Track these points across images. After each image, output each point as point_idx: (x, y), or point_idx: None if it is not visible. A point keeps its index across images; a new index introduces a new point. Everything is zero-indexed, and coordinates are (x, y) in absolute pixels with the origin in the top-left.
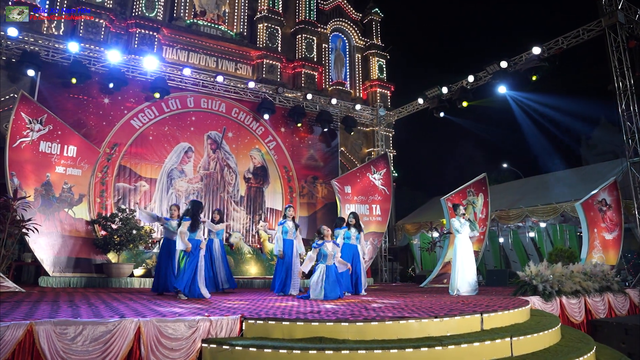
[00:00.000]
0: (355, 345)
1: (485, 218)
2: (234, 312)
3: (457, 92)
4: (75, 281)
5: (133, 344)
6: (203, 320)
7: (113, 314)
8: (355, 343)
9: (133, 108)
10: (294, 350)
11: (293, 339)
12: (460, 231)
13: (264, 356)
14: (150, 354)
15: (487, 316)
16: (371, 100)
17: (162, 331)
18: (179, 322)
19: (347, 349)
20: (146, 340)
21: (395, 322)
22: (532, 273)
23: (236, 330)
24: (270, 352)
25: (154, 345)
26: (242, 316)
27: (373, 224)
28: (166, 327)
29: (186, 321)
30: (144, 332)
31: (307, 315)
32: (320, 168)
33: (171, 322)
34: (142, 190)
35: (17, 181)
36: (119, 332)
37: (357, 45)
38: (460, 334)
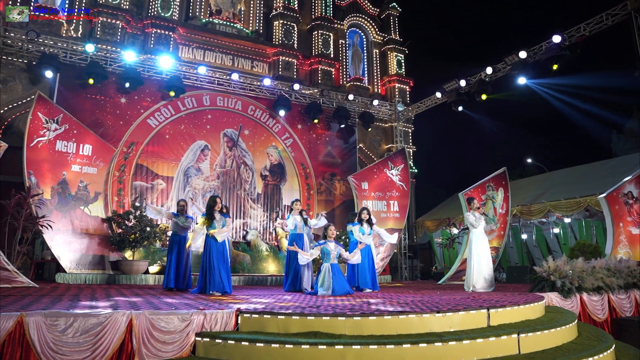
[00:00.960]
0: (350, 340)
1: (506, 213)
2: (233, 306)
3: (475, 85)
4: (91, 278)
5: (125, 336)
6: (197, 314)
7: (107, 307)
8: (351, 338)
9: (149, 107)
10: (286, 345)
11: (288, 334)
12: (476, 225)
13: (257, 350)
14: (142, 347)
15: (495, 312)
16: (390, 96)
17: (155, 324)
18: (172, 315)
19: (342, 344)
20: (138, 333)
21: (395, 317)
22: (550, 268)
23: (231, 324)
24: (263, 347)
25: (146, 338)
26: (237, 310)
27: (391, 221)
28: (159, 320)
29: (179, 314)
30: (136, 324)
31: (306, 309)
32: (338, 165)
33: (164, 315)
34: (159, 188)
35: (35, 180)
36: (110, 324)
37: (375, 40)
38: (464, 330)
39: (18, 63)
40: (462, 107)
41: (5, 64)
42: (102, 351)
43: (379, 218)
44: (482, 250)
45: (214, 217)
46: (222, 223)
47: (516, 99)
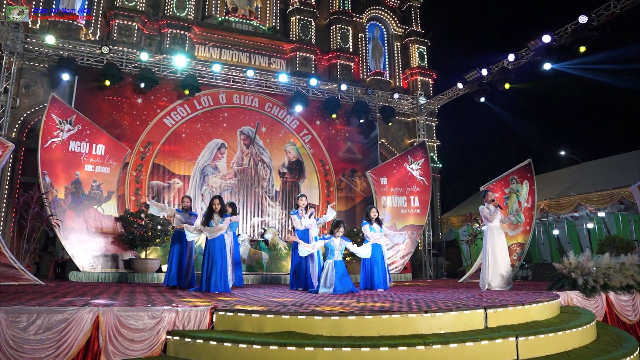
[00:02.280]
0: (323, 341)
1: (532, 207)
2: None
3: (497, 74)
4: (103, 276)
5: (91, 334)
6: (168, 311)
7: (76, 303)
8: (327, 339)
9: (165, 107)
10: (254, 345)
11: (261, 333)
12: (490, 219)
13: (225, 350)
14: (109, 344)
15: (493, 312)
16: (412, 89)
17: (123, 321)
18: (142, 312)
19: (313, 345)
20: (105, 330)
21: (377, 317)
22: (570, 265)
23: (206, 322)
24: (231, 347)
25: (112, 335)
26: (212, 308)
27: (411, 217)
28: (127, 317)
29: (149, 311)
30: (103, 321)
31: (290, 308)
32: (359, 161)
33: (133, 312)
34: (175, 187)
35: (49, 180)
36: (75, 321)
37: (396, 33)
38: (456, 332)
39: (39, 68)
40: (485, 98)
41: (28, 69)
42: (66, 349)
43: (398, 214)
44: (497, 246)
45: (211, 216)
46: (219, 222)
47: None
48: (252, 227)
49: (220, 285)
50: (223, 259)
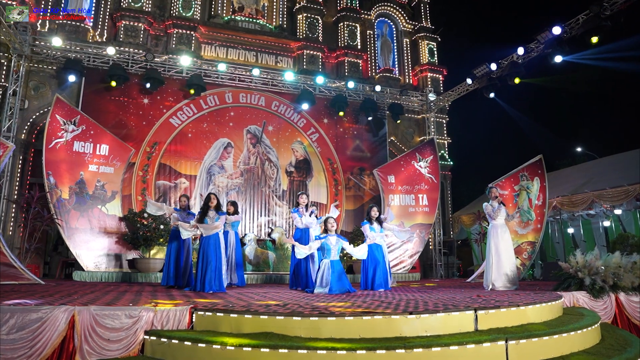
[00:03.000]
0: (297, 344)
1: (543, 205)
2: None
3: (507, 68)
4: (107, 276)
5: (66, 333)
6: (146, 310)
7: (54, 302)
8: (304, 341)
9: (172, 107)
10: (227, 347)
11: (239, 334)
12: (494, 217)
13: (199, 351)
14: (85, 344)
15: (484, 314)
16: (422, 86)
17: (99, 321)
18: (119, 311)
19: (287, 347)
20: (80, 329)
21: (357, 318)
22: (577, 264)
23: (185, 322)
24: (204, 347)
25: (88, 335)
26: (192, 307)
27: (420, 215)
28: (104, 316)
29: (127, 310)
30: (79, 321)
31: (271, 308)
32: (367, 159)
33: (110, 311)
34: (182, 187)
35: (53, 180)
36: (49, 321)
37: (405, 29)
38: (442, 334)
39: (48, 70)
40: (495, 93)
41: (37, 71)
42: (40, 349)
43: (406, 213)
44: (502, 245)
45: (206, 214)
46: (214, 220)
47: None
48: (259, 227)
49: (215, 284)
50: (218, 258)
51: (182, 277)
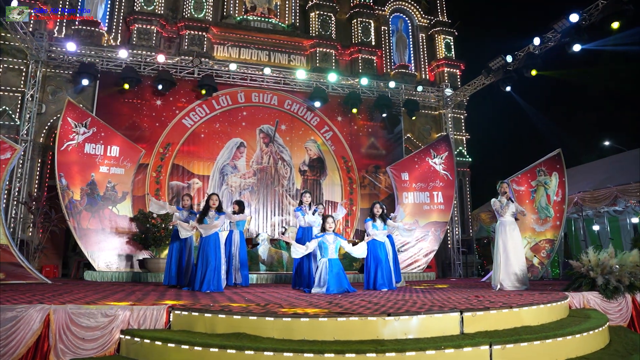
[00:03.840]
0: (268, 345)
1: (562, 201)
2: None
3: (523, 60)
4: (117, 276)
5: (42, 332)
6: (123, 309)
7: (34, 301)
8: (277, 343)
9: (184, 107)
10: (195, 347)
11: (212, 334)
12: (501, 213)
13: (168, 351)
14: (59, 343)
15: (471, 316)
16: (438, 82)
17: (74, 319)
18: (95, 310)
19: (253, 349)
20: (55, 328)
21: (332, 319)
22: (590, 263)
23: (162, 321)
24: (173, 347)
25: (63, 334)
26: (169, 307)
27: (434, 213)
28: (80, 315)
29: (103, 309)
30: (54, 320)
31: (245, 308)
32: (383, 156)
33: (86, 310)
34: (195, 187)
35: (65, 182)
36: (24, 320)
37: (421, 24)
38: (422, 337)
39: (64, 75)
40: (512, 86)
41: (54, 76)
42: (14, 347)
43: (421, 210)
44: (510, 243)
45: (206, 214)
46: (214, 219)
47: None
48: (272, 226)
49: (213, 284)
50: (217, 258)
51: (184, 276)
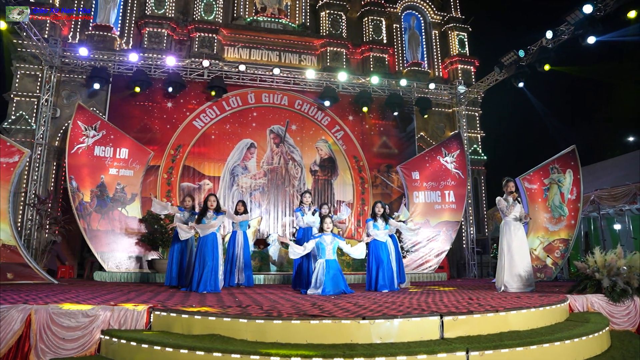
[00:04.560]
0: (233, 347)
1: (577, 199)
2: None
3: (535, 54)
4: (126, 276)
5: (23, 332)
6: (104, 310)
7: (19, 301)
8: (249, 345)
9: (195, 109)
10: (166, 348)
11: (188, 335)
12: (506, 213)
13: (141, 352)
14: (40, 343)
15: (453, 320)
16: (452, 79)
17: (55, 319)
18: (76, 310)
19: (220, 351)
20: (36, 328)
21: (305, 322)
22: (595, 264)
23: (143, 322)
24: (147, 348)
25: (44, 333)
26: (150, 307)
27: (446, 212)
28: (61, 315)
29: (83, 310)
30: (35, 320)
31: (221, 309)
32: (395, 155)
33: (67, 310)
34: (205, 188)
35: (75, 184)
36: (5, 320)
37: (433, 21)
38: (398, 342)
39: (78, 79)
40: (524, 83)
41: (68, 81)
42: None
43: (432, 210)
44: (515, 243)
45: (204, 214)
46: (211, 220)
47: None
48: (283, 227)
49: (210, 285)
50: (215, 259)
51: (186, 277)
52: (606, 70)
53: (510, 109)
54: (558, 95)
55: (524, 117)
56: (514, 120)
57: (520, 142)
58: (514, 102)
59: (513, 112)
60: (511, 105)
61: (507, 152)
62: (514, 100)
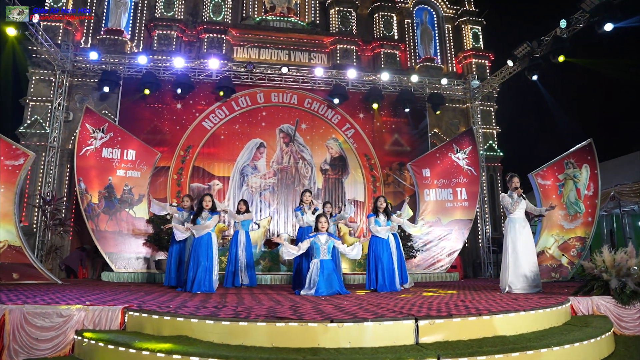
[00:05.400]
0: (194, 350)
1: (594, 195)
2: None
3: (549, 45)
4: (134, 276)
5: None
6: (78, 310)
7: (7, 302)
8: (214, 347)
9: (204, 110)
10: (130, 349)
11: (158, 336)
12: (511, 210)
13: (107, 353)
14: (13, 343)
15: (429, 324)
16: (466, 74)
17: (29, 320)
18: (50, 310)
19: (182, 353)
20: (10, 329)
21: (270, 324)
22: (603, 263)
23: (117, 322)
24: (112, 349)
25: (17, 334)
26: (124, 308)
27: (458, 210)
28: (35, 315)
29: (58, 310)
30: (9, 320)
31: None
32: (407, 153)
33: (42, 310)
34: (215, 189)
35: (84, 186)
36: None
37: (446, 15)
38: (367, 347)
39: (90, 83)
40: (538, 76)
41: (81, 85)
42: None
43: (443, 208)
44: (520, 242)
45: (199, 214)
46: (206, 220)
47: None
48: (293, 227)
49: (204, 285)
50: (209, 259)
51: (182, 277)
52: (625, 64)
53: (528, 104)
54: (576, 88)
55: (542, 111)
56: (532, 115)
57: (539, 138)
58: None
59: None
60: (529, 99)
61: (524, 148)
62: (532, 94)
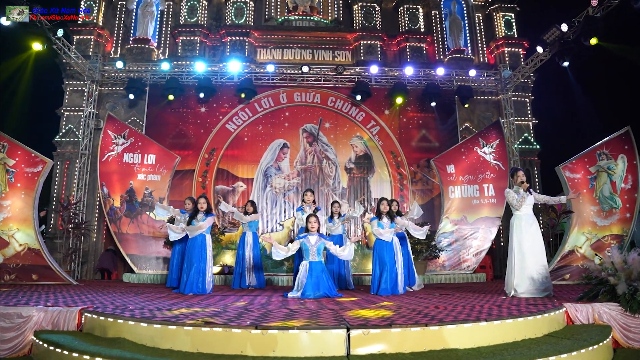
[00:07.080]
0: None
1: (633, 188)
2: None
3: (580, 27)
4: (154, 278)
5: None
6: (38, 311)
7: None
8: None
9: (227, 113)
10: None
11: (101, 338)
12: (517, 207)
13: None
14: None
15: (362, 334)
16: (499, 64)
17: None
18: (12, 310)
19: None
20: None
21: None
22: (611, 266)
23: (74, 323)
24: (59, 352)
25: None
26: (81, 309)
27: (485, 208)
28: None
29: (19, 310)
30: None
31: (154, 314)
32: (436, 149)
33: (4, 311)
34: (239, 190)
35: (106, 190)
36: None
37: (476, 3)
38: (293, 357)
39: (119, 91)
40: (568, 62)
41: (111, 94)
42: None
43: (469, 205)
44: (527, 241)
45: (194, 216)
46: (200, 221)
47: None
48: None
49: (197, 286)
50: (202, 260)
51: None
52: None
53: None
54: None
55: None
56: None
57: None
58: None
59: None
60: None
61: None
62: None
